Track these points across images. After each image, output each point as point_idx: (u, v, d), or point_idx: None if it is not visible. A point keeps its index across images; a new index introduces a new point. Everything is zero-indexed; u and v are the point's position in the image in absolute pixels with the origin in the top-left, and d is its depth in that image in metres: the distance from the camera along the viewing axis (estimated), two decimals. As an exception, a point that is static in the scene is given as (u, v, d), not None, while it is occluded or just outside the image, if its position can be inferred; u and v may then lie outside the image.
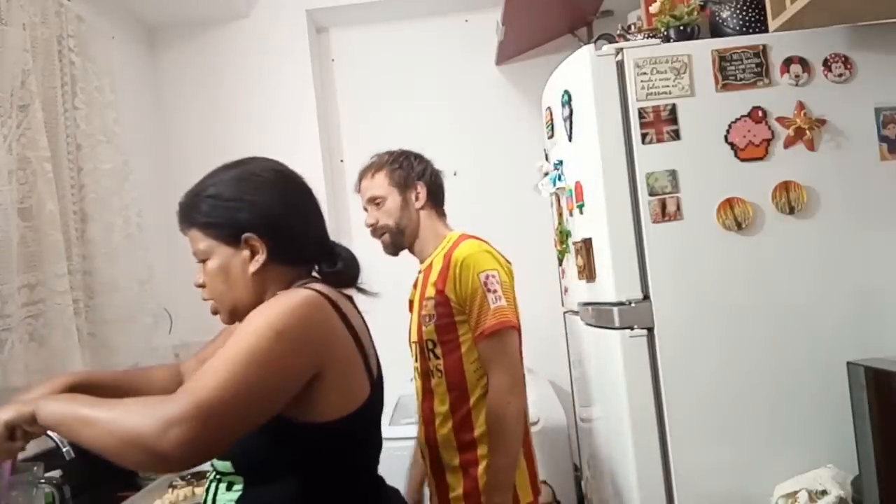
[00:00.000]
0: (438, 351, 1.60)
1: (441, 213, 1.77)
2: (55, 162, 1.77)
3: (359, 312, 1.11)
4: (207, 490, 1.05)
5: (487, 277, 1.54)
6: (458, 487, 1.59)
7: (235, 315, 1.06)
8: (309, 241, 1.09)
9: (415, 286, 1.77)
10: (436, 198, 1.75)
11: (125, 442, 0.80)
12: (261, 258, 1.03)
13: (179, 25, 2.87)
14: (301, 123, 2.88)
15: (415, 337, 1.69)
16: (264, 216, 1.03)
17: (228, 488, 1.01)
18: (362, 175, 1.75)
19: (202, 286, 1.07)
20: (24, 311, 1.63)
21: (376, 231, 1.71)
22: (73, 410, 0.87)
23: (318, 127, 2.91)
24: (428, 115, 3.07)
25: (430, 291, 1.62)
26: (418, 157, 1.76)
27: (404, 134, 3.03)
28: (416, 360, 1.70)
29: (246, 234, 1.02)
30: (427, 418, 1.66)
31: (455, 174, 3.04)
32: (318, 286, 1.03)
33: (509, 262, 1.66)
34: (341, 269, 1.10)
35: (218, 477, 1.04)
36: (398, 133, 3.04)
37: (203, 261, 1.06)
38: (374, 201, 1.70)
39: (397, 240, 1.70)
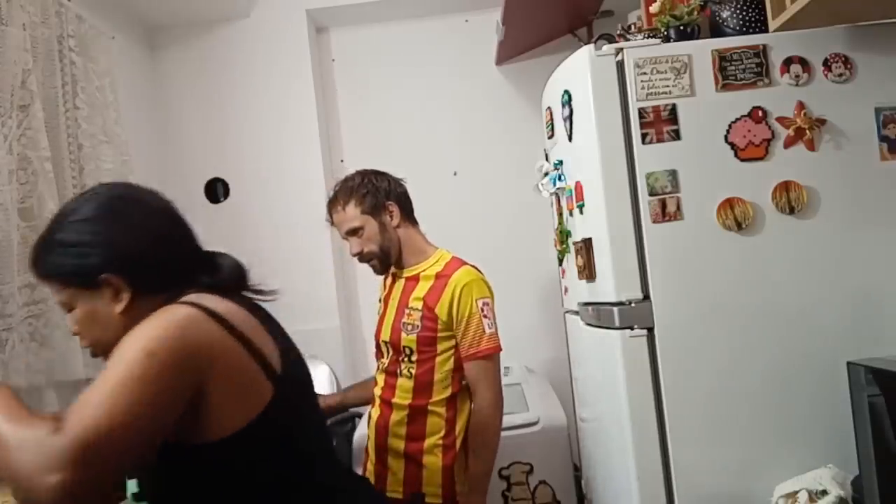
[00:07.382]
0: (414, 357, 1.70)
1: (413, 223, 1.82)
2: (56, 162, 1.78)
3: (255, 308, 1.06)
4: None
5: (484, 305, 1.70)
6: (399, 472, 1.69)
7: None
8: (175, 263, 1.02)
9: (389, 288, 1.83)
10: (407, 210, 1.80)
11: (8, 472, 0.76)
12: (125, 296, 0.97)
13: (179, 25, 2.87)
14: (301, 123, 2.87)
15: (387, 337, 1.77)
16: (115, 254, 0.97)
17: None
18: (331, 208, 1.76)
19: (77, 335, 1.01)
20: (24, 310, 1.63)
21: (363, 258, 1.76)
22: None
23: (318, 127, 2.90)
24: (428, 115, 3.07)
25: (416, 304, 1.70)
26: (378, 175, 1.78)
27: (404, 134, 3.06)
28: (385, 357, 1.78)
29: (102, 276, 0.96)
30: (384, 406, 1.74)
31: (455, 174, 3.05)
32: (194, 297, 0.96)
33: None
34: (222, 279, 1.05)
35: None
36: (398, 133, 3.06)
37: (70, 310, 1.00)
38: (354, 233, 1.73)
39: (385, 262, 1.77)
